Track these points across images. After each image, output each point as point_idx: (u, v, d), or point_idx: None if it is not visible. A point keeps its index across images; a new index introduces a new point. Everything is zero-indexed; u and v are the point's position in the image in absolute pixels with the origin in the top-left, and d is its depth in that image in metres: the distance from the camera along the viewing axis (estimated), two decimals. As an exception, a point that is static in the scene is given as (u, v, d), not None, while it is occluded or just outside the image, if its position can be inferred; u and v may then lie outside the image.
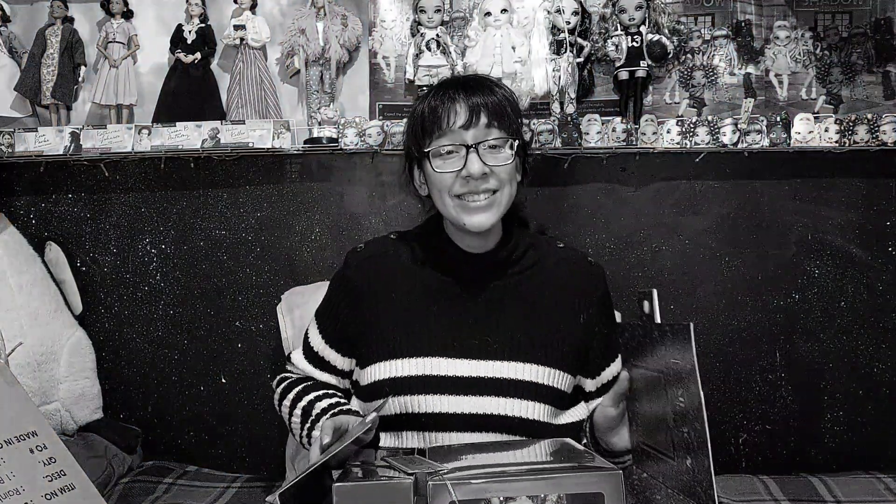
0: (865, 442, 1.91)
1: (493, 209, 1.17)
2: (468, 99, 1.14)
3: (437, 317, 1.20)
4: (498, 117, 1.15)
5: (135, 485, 1.71)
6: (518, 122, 1.20)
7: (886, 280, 1.90)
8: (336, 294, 1.30)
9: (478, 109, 1.14)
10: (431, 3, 1.86)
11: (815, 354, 1.92)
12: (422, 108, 1.19)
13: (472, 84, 1.18)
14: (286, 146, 1.87)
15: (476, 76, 1.23)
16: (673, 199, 1.94)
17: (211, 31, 1.96)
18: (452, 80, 1.23)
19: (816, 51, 1.88)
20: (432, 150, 1.16)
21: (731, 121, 1.80)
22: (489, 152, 1.15)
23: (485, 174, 1.14)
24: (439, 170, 1.16)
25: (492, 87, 1.18)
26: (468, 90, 1.16)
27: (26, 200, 2.03)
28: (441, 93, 1.17)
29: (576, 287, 1.25)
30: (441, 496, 0.80)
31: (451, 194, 1.16)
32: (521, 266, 1.25)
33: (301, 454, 1.69)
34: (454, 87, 1.17)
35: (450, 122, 1.14)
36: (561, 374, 1.19)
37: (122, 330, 2.03)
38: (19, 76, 1.97)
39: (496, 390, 1.16)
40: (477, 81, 1.19)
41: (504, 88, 1.20)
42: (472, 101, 1.14)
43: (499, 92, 1.18)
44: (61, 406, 1.86)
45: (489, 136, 1.14)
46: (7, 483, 0.80)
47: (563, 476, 0.82)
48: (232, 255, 2.00)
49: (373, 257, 1.28)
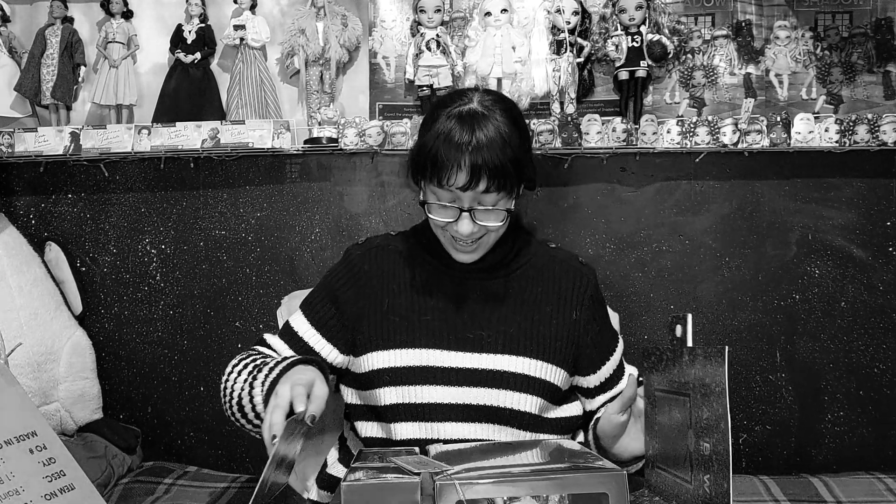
0: (865, 442, 1.91)
1: (481, 250, 1.22)
2: (473, 156, 1.09)
3: (435, 310, 1.24)
4: (499, 179, 1.11)
5: (135, 485, 1.71)
6: (521, 176, 1.16)
7: (886, 280, 1.90)
8: (337, 278, 1.30)
9: (479, 172, 1.10)
10: (431, 3, 1.86)
11: (815, 354, 1.92)
12: (427, 148, 1.14)
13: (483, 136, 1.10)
14: (286, 146, 1.87)
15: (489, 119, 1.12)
16: (673, 199, 1.94)
17: (211, 31, 1.96)
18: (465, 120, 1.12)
19: (816, 51, 1.88)
20: (428, 199, 1.17)
21: (731, 121, 1.80)
22: (483, 212, 1.15)
23: (473, 233, 1.16)
24: (433, 215, 1.18)
25: (503, 144, 1.11)
26: (476, 144, 1.09)
27: (26, 200, 2.03)
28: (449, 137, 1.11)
29: (567, 285, 1.28)
30: (448, 496, 0.80)
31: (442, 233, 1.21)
32: (514, 265, 1.28)
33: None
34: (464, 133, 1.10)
35: (449, 181, 1.11)
36: (553, 367, 1.23)
37: (122, 330, 2.03)
38: (19, 76, 1.97)
39: (490, 382, 1.20)
40: (490, 137, 1.10)
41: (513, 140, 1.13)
42: (476, 161, 1.09)
43: (508, 152, 1.11)
44: (61, 406, 1.86)
45: (485, 200, 1.14)
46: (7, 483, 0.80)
47: (568, 476, 0.83)
48: (232, 255, 2.00)
49: (376, 248, 1.31)
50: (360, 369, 1.25)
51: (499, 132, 1.11)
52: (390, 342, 1.22)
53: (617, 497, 0.82)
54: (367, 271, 1.28)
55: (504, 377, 1.20)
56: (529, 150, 1.20)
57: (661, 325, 1.94)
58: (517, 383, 1.20)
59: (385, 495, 0.82)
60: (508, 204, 1.16)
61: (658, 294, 1.94)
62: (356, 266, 1.29)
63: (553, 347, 1.23)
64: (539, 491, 0.82)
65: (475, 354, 1.21)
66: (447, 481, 0.80)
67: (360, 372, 1.25)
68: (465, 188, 1.11)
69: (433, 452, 0.98)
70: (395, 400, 1.20)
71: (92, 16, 2.01)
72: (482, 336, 1.22)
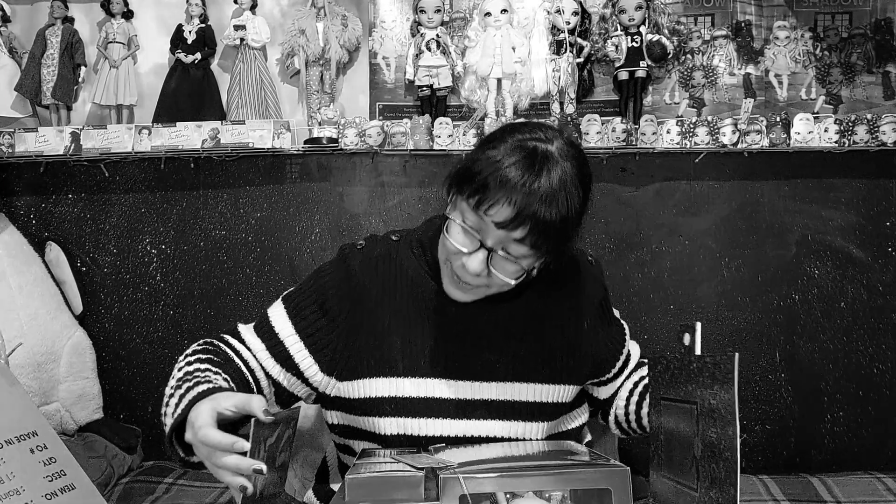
0: (865, 442, 1.91)
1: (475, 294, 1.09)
2: (527, 199, 0.96)
3: (439, 334, 1.12)
4: (540, 236, 0.98)
5: (135, 485, 1.71)
6: (562, 240, 1.02)
7: (886, 280, 1.90)
8: (331, 284, 1.14)
9: (524, 218, 0.96)
10: (431, 4, 1.86)
11: (815, 354, 1.92)
12: (481, 168, 1.00)
13: (546, 183, 0.97)
14: (286, 146, 1.87)
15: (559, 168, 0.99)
16: (673, 199, 1.94)
17: (211, 31, 1.96)
18: (535, 158, 0.98)
19: (816, 51, 1.88)
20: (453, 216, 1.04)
21: (730, 121, 1.80)
22: (501, 259, 1.01)
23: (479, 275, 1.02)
24: (450, 236, 1.03)
25: (562, 200, 0.97)
26: (536, 189, 0.96)
27: (26, 200, 2.03)
28: (509, 168, 0.97)
29: (578, 291, 1.19)
30: (452, 490, 0.80)
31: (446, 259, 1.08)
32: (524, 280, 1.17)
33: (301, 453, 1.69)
34: (528, 171, 0.97)
35: (490, 210, 0.98)
36: (565, 387, 1.16)
37: (122, 330, 2.03)
38: (19, 76, 1.97)
39: (499, 413, 1.12)
40: (553, 188, 0.97)
41: (573, 202, 0.99)
42: (527, 206, 0.96)
43: (563, 210, 0.98)
44: (61, 406, 1.86)
45: (512, 249, 1.00)
46: (7, 483, 0.80)
47: (571, 472, 0.83)
48: (232, 255, 2.00)
49: (377, 258, 1.15)
50: (353, 395, 1.12)
51: (564, 186, 0.98)
52: (391, 370, 1.10)
53: (619, 493, 0.82)
54: (366, 285, 1.13)
55: (514, 407, 1.12)
56: (583, 217, 1.06)
57: (662, 325, 1.94)
58: (527, 413, 1.12)
59: (389, 489, 0.81)
60: (532, 263, 1.03)
61: (658, 294, 1.94)
62: (354, 277, 1.13)
63: (566, 366, 1.15)
64: (542, 486, 0.82)
65: (484, 384, 1.12)
66: (451, 475, 0.80)
67: (352, 397, 1.12)
68: (501, 226, 0.97)
69: (437, 452, 0.98)
70: (396, 431, 1.10)
71: (92, 16, 2.01)
72: (490, 361, 1.12)
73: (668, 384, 0.97)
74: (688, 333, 0.94)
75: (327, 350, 1.12)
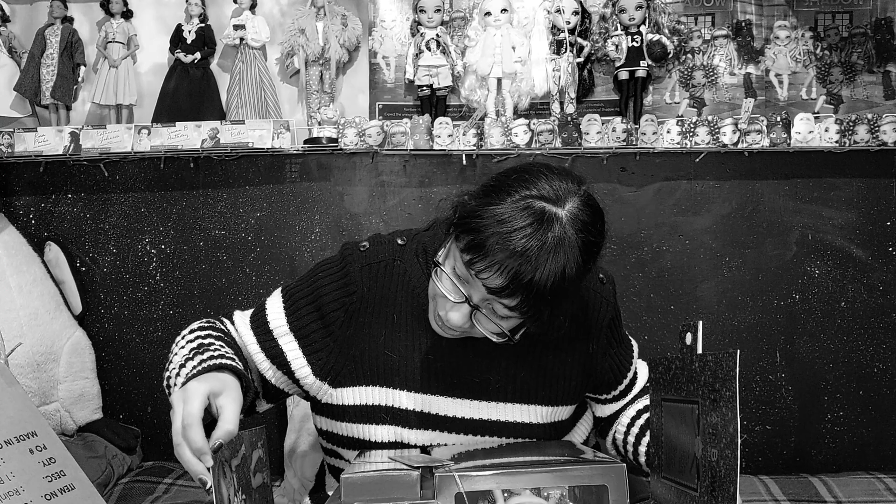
0: (865, 442, 1.91)
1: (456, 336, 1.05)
2: (523, 270, 0.90)
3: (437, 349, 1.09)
4: (531, 308, 0.94)
5: (135, 485, 1.71)
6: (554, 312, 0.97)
7: (886, 280, 1.90)
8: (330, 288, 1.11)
9: (516, 289, 0.91)
10: (431, 3, 1.86)
11: (815, 354, 1.92)
12: (480, 225, 0.92)
13: (545, 264, 0.90)
14: (286, 146, 1.87)
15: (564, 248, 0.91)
16: (673, 199, 1.94)
17: (211, 31, 1.96)
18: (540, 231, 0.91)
19: (816, 51, 1.88)
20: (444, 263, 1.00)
21: (731, 121, 1.80)
22: (486, 317, 0.98)
23: (460, 327, 1.00)
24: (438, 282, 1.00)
25: (559, 281, 0.91)
26: (535, 265, 0.90)
27: (26, 200, 2.03)
28: (511, 234, 0.90)
29: (585, 314, 1.13)
30: (447, 488, 0.80)
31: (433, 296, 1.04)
32: None
33: (299, 451, 1.69)
34: (530, 244, 0.90)
35: (481, 274, 0.92)
36: (564, 407, 1.15)
37: (122, 330, 2.02)
38: (19, 76, 1.97)
39: (496, 433, 1.10)
40: (553, 270, 0.91)
41: (571, 283, 0.94)
42: (521, 277, 0.90)
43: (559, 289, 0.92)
44: (61, 406, 1.86)
45: (500, 311, 0.96)
46: (7, 483, 0.80)
47: (567, 469, 0.83)
48: (232, 255, 2.00)
49: (378, 265, 1.12)
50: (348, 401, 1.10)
51: (564, 270, 0.91)
52: (387, 381, 1.09)
53: (616, 490, 0.81)
54: (364, 294, 1.10)
55: (512, 428, 1.10)
56: (579, 288, 1.01)
57: (662, 325, 1.94)
58: (525, 433, 1.11)
59: (384, 488, 0.81)
60: (515, 324, 1.00)
61: (658, 294, 1.94)
62: (352, 285, 1.10)
63: (567, 388, 1.13)
64: (538, 483, 0.82)
65: (482, 403, 1.10)
66: (446, 474, 0.80)
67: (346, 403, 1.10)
68: (492, 291, 0.93)
69: (435, 452, 0.98)
70: (390, 438, 1.09)
71: (92, 16, 2.01)
72: (489, 381, 1.10)
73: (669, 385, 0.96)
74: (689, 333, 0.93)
75: (322, 353, 1.10)
